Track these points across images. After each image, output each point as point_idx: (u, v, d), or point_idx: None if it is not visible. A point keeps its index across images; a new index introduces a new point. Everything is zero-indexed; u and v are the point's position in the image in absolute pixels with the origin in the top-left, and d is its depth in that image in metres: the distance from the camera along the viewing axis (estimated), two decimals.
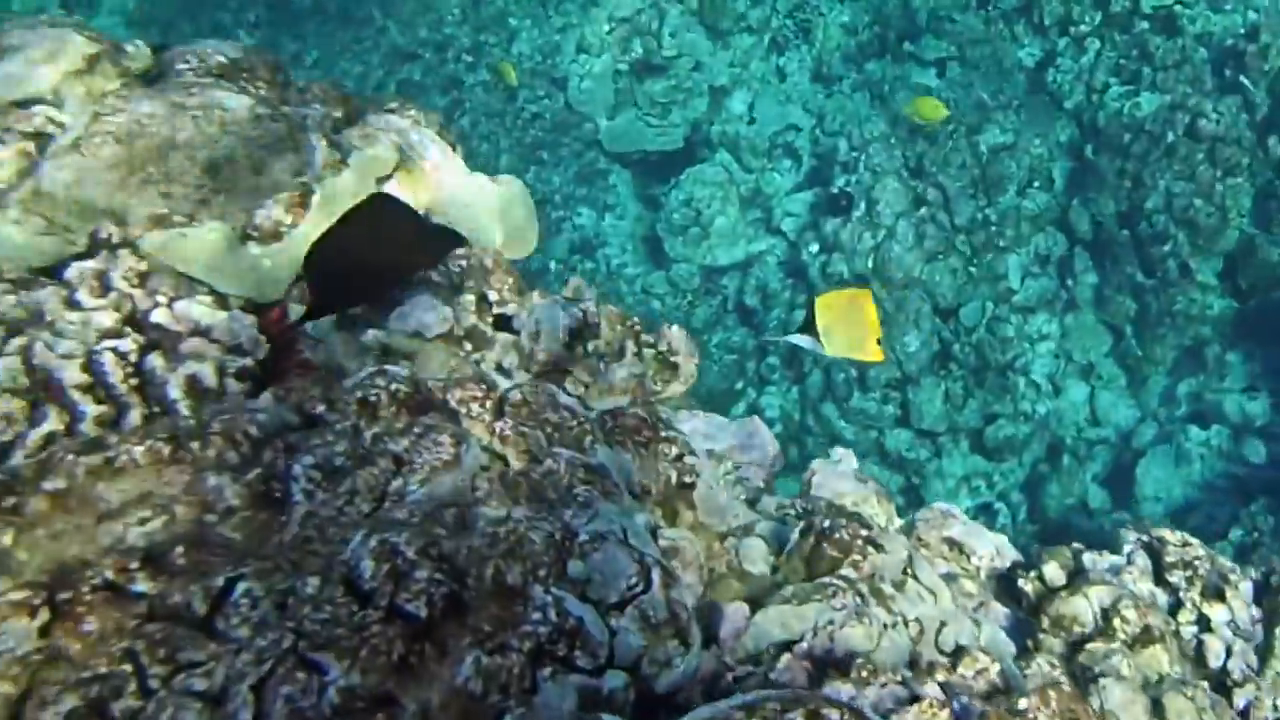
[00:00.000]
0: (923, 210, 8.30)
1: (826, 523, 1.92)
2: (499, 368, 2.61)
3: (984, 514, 7.70)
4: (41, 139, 2.55)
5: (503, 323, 2.75)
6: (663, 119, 10.19)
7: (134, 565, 1.51)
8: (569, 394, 2.56)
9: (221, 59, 2.89)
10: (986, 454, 7.88)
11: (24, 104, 2.67)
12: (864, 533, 1.89)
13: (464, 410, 1.79)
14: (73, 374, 2.19)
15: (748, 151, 10.08)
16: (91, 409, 2.19)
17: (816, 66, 10.90)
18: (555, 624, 1.49)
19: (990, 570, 2.35)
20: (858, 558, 1.87)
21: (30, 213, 2.44)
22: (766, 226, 9.76)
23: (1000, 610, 2.26)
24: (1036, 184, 8.74)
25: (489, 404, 1.80)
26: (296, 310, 2.60)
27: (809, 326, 2.92)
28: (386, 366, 1.94)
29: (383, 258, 2.41)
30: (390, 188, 2.82)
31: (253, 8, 9.90)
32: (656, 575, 1.61)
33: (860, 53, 10.82)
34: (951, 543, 2.34)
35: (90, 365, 2.22)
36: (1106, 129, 8.62)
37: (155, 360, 2.30)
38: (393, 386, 1.79)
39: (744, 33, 10.77)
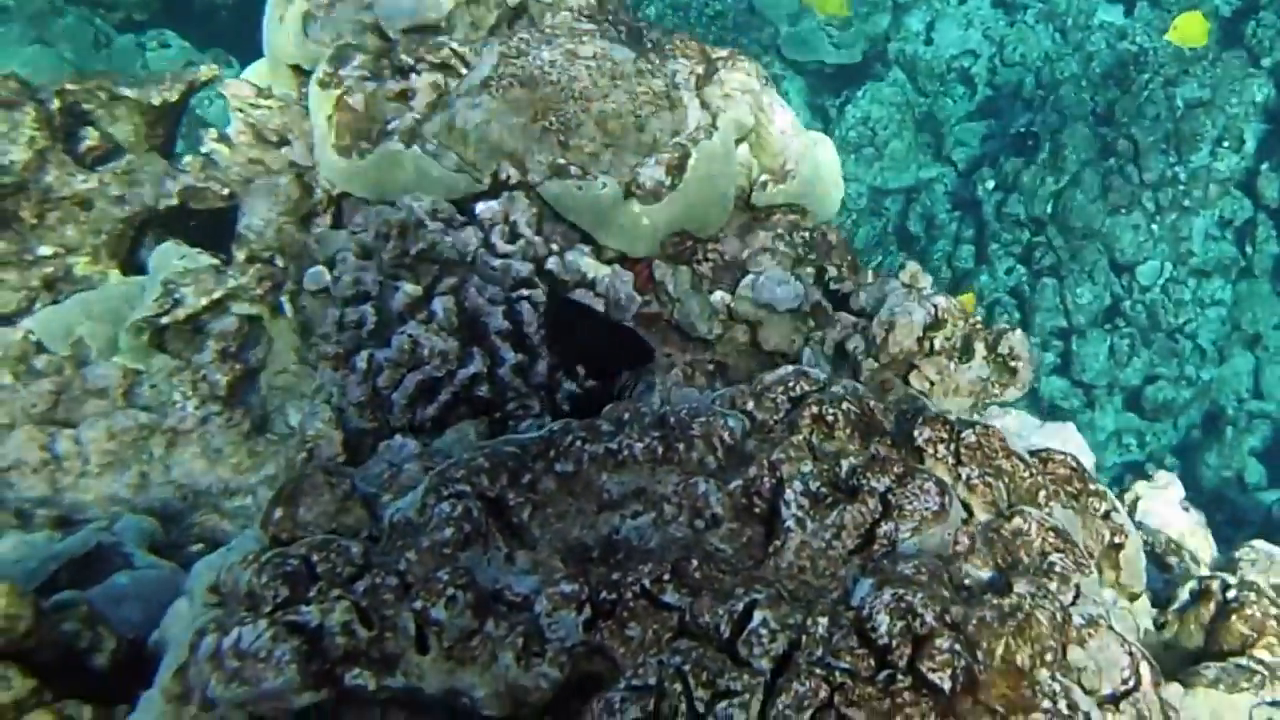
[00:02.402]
0: (1111, 161, 8.20)
1: (1230, 592, 1.96)
2: (840, 348, 2.74)
3: (1133, 474, 7.76)
4: (448, 71, 2.69)
5: (839, 300, 2.87)
6: (843, 30, 10.07)
7: (666, 576, 1.60)
8: (913, 388, 2.70)
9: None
10: (1141, 413, 7.90)
11: (422, 29, 2.81)
12: (1274, 611, 1.92)
13: (930, 451, 1.84)
14: (498, 320, 2.37)
15: (924, 74, 9.96)
16: (511, 356, 2.38)
17: None
18: (1066, 716, 1.48)
19: None
20: (1274, 640, 1.90)
21: (445, 147, 2.59)
22: (937, 154, 9.69)
23: None
24: (1226, 144, 8.57)
25: (951, 446, 1.84)
26: (660, 267, 2.76)
27: None
28: (805, 369, 2.01)
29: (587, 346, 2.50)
30: (742, 149, 2.93)
31: None
32: (1146, 671, 1.60)
33: None
34: (1279, 590, 2.40)
35: (511, 312, 2.40)
36: None
37: None
38: (845, 406, 1.86)
39: None
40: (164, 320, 2.53)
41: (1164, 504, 2.60)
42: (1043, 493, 1.81)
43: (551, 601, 1.59)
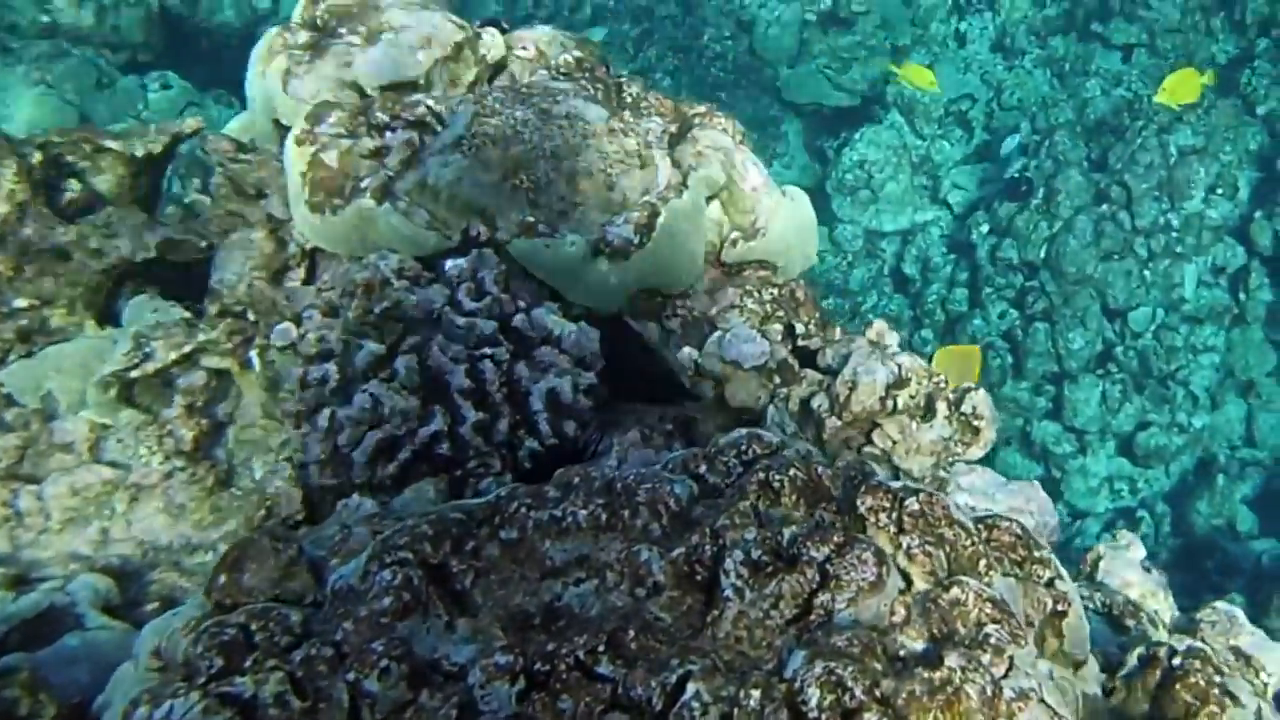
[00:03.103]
0: (1104, 207, 8.24)
1: (1175, 660, 1.97)
2: (805, 405, 2.76)
3: (1125, 519, 7.76)
4: (424, 128, 2.73)
5: (805, 357, 2.89)
6: (842, 73, 10.16)
7: (601, 647, 1.62)
8: (875, 447, 2.71)
9: (567, 57, 3.04)
10: (1134, 459, 7.91)
11: (400, 86, 2.85)
12: (1218, 680, 1.92)
13: (872, 520, 1.85)
14: (460, 379, 2.39)
15: (921, 117, 10.03)
16: (472, 415, 2.40)
17: (999, 36, 10.77)
18: None
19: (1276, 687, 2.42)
20: (1215, 709, 1.92)
21: (415, 204, 2.62)
22: (933, 197, 9.74)
23: None
24: (1220, 191, 8.62)
25: (894, 515, 1.86)
26: (629, 324, 2.79)
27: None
28: (758, 432, 2.04)
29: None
30: (713, 207, 2.97)
31: None
32: None
33: (1045, 27, 10.65)
34: (1238, 653, 2.41)
35: (473, 371, 2.42)
36: None
37: (522, 370, 2.50)
38: (791, 473, 1.89)
39: None
40: (133, 374, 2.56)
41: (1124, 564, 2.61)
42: (983, 561, 1.82)
43: (485, 673, 1.60)
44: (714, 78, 10.21)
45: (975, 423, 2.68)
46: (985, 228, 8.69)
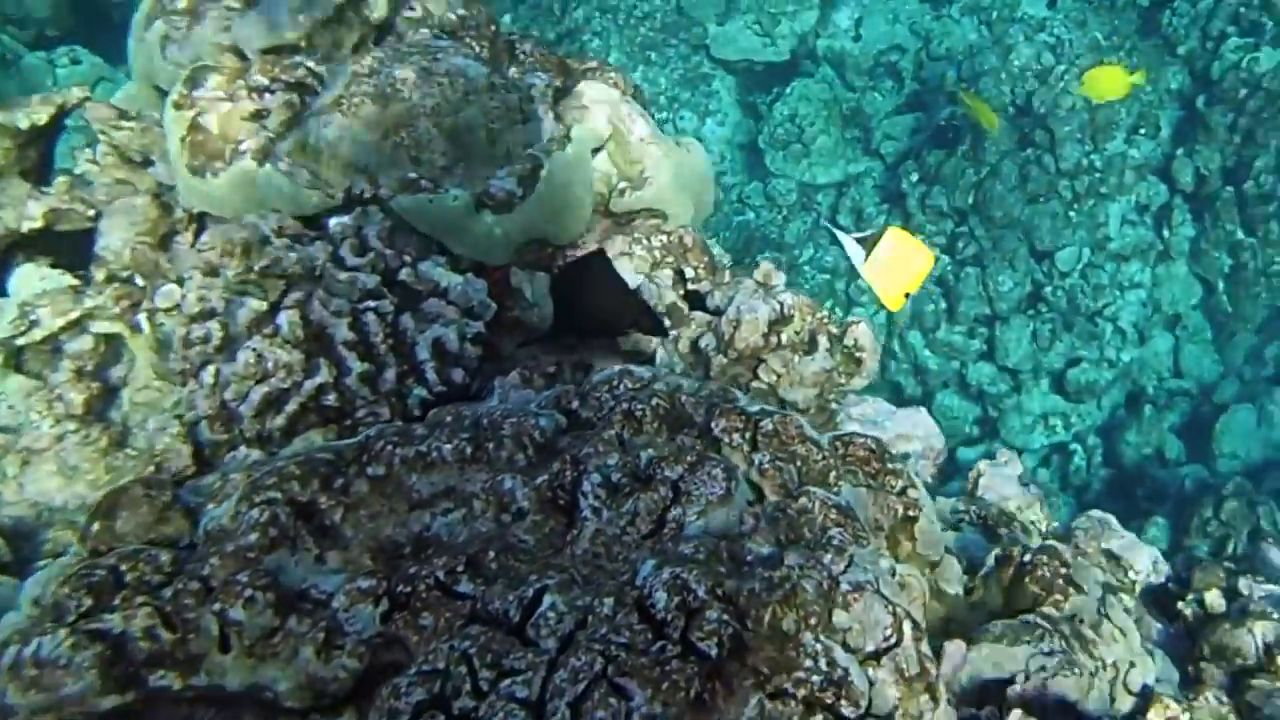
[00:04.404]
0: (1028, 151, 8.34)
1: (1026, 555, 2.08)
2: (695, 346, 2.83)
3: (1059, 454, 7.91)
4: (304, 90, 2.76)
5: (696, 300, 2.96)
6: (771, 29, 10.18)
7: (460, 567, 1.68)
8: (762, 381, 2.79)
9: (450, 15, 3.07)
10: (1066, 395, 8.05)
11: (280, 49, 2.88)
12: (1063, 570, 2.03)
13: (726, 440, 1.94)
14: (343, 332, 2.44)
15: (851, 70, 10.08)
16: (357, 365, 2.45)
17: None
18: (825, 673, 1.60)
19: (1145, 583, 2.54)
20: (1059, 597, 2.03)
21: (297, 165, 2.66)
22: (865, 148, 9.81)
23: (1154, 626, 2.46)
24: (1143, 131, 8.74)
25: (748, 434, 1.95)
26: (517, 274, 2.84)
27: (868, 242, 3.05)
28: (630, 368, 2.10)
29: (591, 304, 2.61)
30: (601, 158, 3.02)
31: None
32: (908, 628, 1.71)
33: None
34: (1110, 555, 2.52)
35: (356, 324, 2.47)
36: (1221, 81, 8.57)
37: (408, 321, 2.55)
38: (654, 402, 1.96)
39: None
40: (20, 342, 2.59)
41: (1003, 480, 2.71)
42: (833, 473, 1.91)
43: (349, 596, 1.67)
44: (643, 38, 10.21)
45: (858, 354, 2.76)
46: (915, 176, 8.77)
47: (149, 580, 1.72)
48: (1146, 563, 2.54)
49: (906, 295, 2.98)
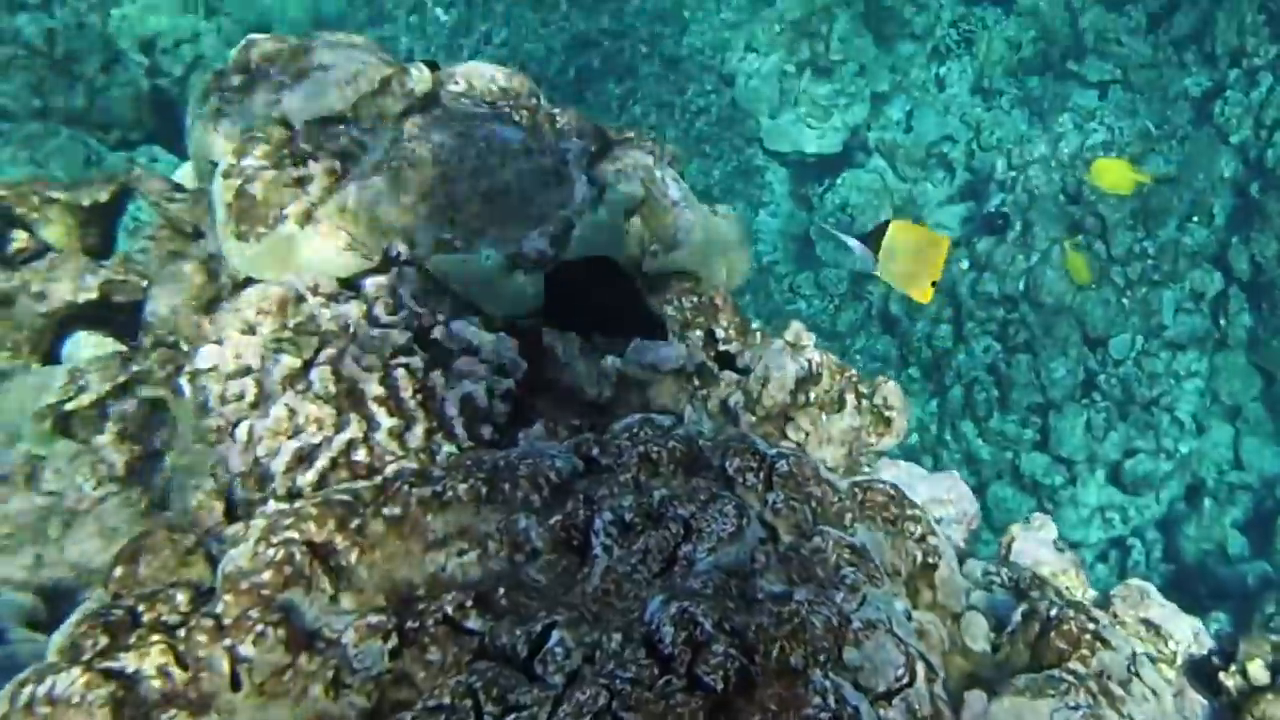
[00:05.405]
0: (1079, 237, 8.31)
1: (1053, 611, 2.02)
2: (724, 405, 2.83)
3: (1117, 549, 7.74)
4: (346, 158, 2.83)
5: (726, 360, 2.97)
6: (823, 121, 10.31)
7: (469, 603, 1.69)
8: (790, 439, 2.78)
9: (493, 86, 3.15)
10: (1123, 487, 7.90)
11: (327, 120, 2.96)
12: (1091, 626, 1.98)
13: (740, 480, 1.94)
14: (374, 387, 2.47)
15: (903, 160, 10.16)
16: (386, 421, 2.47)
17: (977, 79, 10.92)
18: (834, 710, 1.57)
19: (1186, 656, 2.45)
20: (1086, 653, 1.97)
21: (337, 228, 2.72)
22: None
23: (1196, 700, 2.37)
24: (1196, 219, 8.69)
25: (762, 474, 1.94)
26: (549, 334, 2.86)
27: (871, 241, 2.98)
28: (652, 416, 2.12)
29: (596, 303, 2.63)
30: (634, 221, 3.06)
31: None
32: (921, 669, 1.69)
33: (1022, 68, 10.79)
34: (1149, 624, 2.45)
35: (387, 379, 2.50)
36: (1276, 170, 8.52)
37: (438, 378, 2.58)
38: (670, 445, 1.97)
39: (907, 39, 10.82)
40: (69, 406, 2.65)
41: (1036, 544, 2.65)
42: (849, 515, 1.90)
43: (358, 633, 1.67)
44: (698, 131, 10.38)
45: (887, 413, 2.74)
46: (965, 263, 8.77)
47: (165, 620, 1.74)
48: (1188, 633, 2.46)
49: (933, 284, 2.93)
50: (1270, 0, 9.08)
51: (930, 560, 1.92)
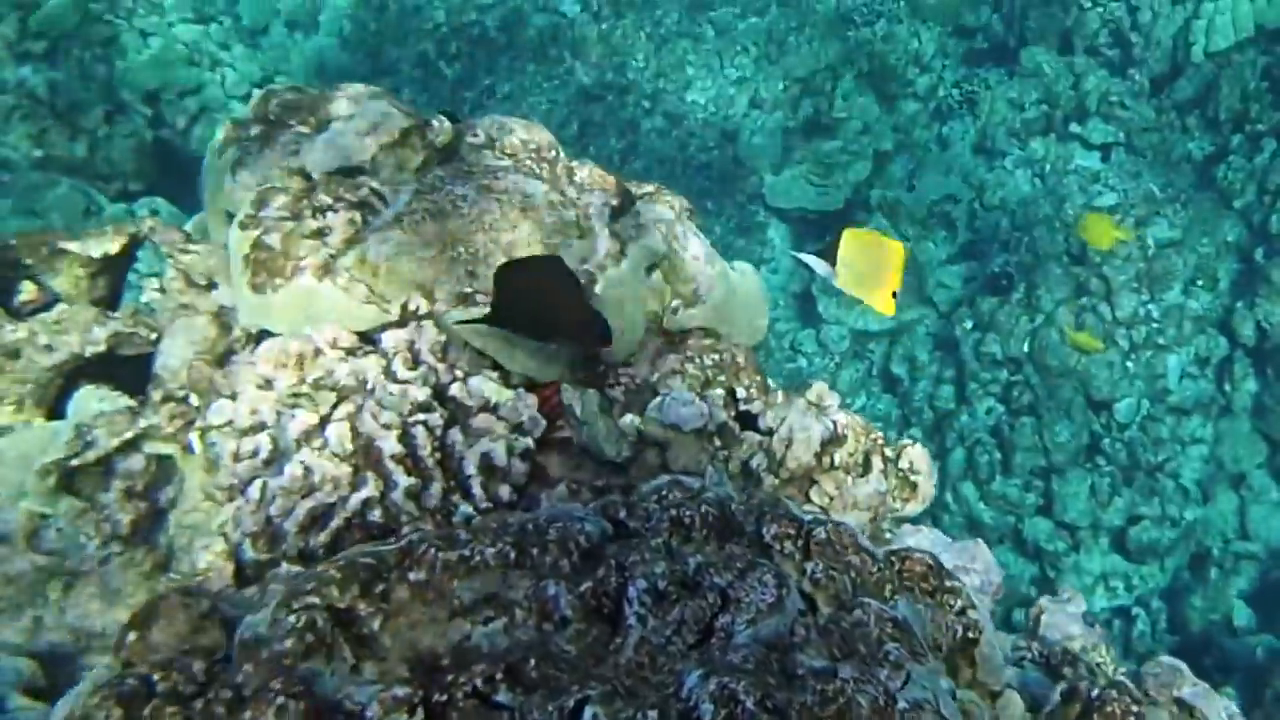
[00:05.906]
0: (1084, 299, 8.30)
1: (1094, 691, 1.98)
2: (746, 466, 2.77)
3: (1122, 618, 7.64)
4: (366, 209, 2.78)
5: (747, 420, 2.91)
6: (825, 179, 10.33)
7: (499, 675, 1.62)
8: (814, 503, 2.72)
9: (513, 139, 3.12)
10: (1127, 554, 7.82)
11: (346, 171, 2.92)
12: (1135, 709, 1.93)
13: (778, 547, 1.88)
14: (391, 445, 2.40)
15: (905, 219, 10.17)
16: (403, 480, 2.41)
17: (980, 139, 10.96)
18: None
19: None
20: None
21: (355, 280, 2.67)
22: (919, 296, 9.82)
23: None
24: (1200, 283, 8.69)
25: (800, 542, 1.88)
26: (568, 391, 2.80)
27: (828, 253, 2.94)
28: (680, 478, 2.06)
29: (544, 304, 2.57)
30: (655, 276, 3.01)
31: (454, 40, 10.31)
32: None
33: (1025, 129, 10.85)
34: (1182, 704, 2.39)
35: (405, 437, 2.43)
36: None
37: (456, 436, 2.51)
38: (703, 509, 1.91)
39: (909, 99, 10.88)
40: (74, 463, 2.58)
41: (1065, 618, 2.59)
42: (889, 586, 1.83)
43: (383, 706, 1.59)
44: (700, 186, 10.39)
45: (913, 477, 2.69)
46: (969, 324, 8.74)
47: (182, 690, 1.66)
48: (1221, 713, 2.40)
49: (894, 294, 2.88)
50: (1274, 66, 9.13)
51: (971, 635, 1.86)
